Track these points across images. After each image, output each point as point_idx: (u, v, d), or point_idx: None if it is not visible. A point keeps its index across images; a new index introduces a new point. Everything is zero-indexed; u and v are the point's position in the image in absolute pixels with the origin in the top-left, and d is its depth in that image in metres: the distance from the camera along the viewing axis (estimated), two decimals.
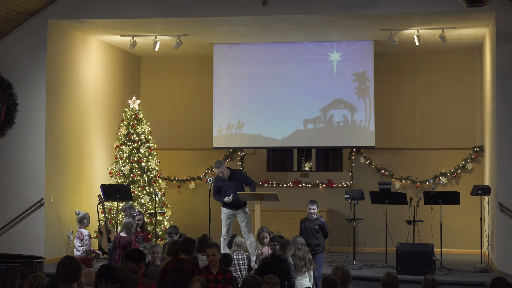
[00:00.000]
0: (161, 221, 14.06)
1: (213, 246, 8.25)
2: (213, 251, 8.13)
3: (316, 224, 11.25)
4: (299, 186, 15.78)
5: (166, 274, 8.13)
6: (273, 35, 14.16)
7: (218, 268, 8.11)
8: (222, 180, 12.66)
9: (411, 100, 15.72)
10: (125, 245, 10.92)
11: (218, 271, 8.06)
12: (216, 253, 8.12)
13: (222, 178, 12.65)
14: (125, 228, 11.18)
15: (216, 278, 7.95)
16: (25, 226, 12.86)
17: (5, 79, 13.04)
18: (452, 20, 12.71)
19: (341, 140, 14.97)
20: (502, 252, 12.10)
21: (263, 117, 15.08)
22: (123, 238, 11.05)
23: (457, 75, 15.57)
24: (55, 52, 13.21)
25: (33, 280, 7.25)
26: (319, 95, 14.93)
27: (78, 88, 14.03)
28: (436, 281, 7.50)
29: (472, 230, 14.51)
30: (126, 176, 14.04)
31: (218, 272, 8.05)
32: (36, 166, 12.92)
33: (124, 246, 10.91)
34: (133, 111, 14.34)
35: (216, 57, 15.24)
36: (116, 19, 12.91)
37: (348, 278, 7.51)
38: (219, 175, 12.68)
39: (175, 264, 8.23)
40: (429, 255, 11.67)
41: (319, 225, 11.26)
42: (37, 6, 12.67)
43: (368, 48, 14.73)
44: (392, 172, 15.51)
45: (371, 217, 14.50)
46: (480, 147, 15.14)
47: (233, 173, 12.77)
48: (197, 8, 12.65)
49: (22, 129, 13.02)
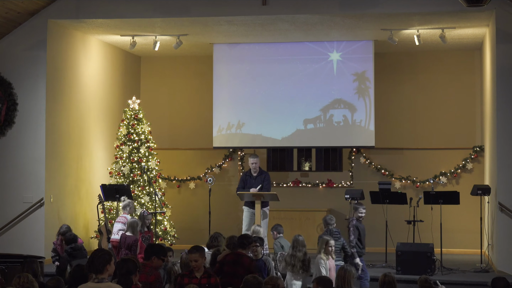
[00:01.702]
0: (161, 221, 14.06)
1: (195, 251, 7.82)
2: (195, 257, 7.76)
3: None
4: (299, 186, 15.78)
5: (224, 266, 8.58)
6: (273, 35, 14.16)
7: (203, 272, 7.78)
8: (250, 176, 13.03)
9: (411, 100, 15.72)
10: (131, 244, 10.89)
11: (202, 276, 7.74)
12: (199, 259, 7.76)
13: (251, 173, 13.04)
14: (130, 227, 11.14)
15: (200, 283, 7.67)
16: (25, 226, 12.86)
17: (5, 79, 13.04)
18: (452, 20, 12.71)
19: (341, 140, 14.97)
20: (502, 252, 12.10)
21: (263, 117, 15.08)
22: (129, 238, 11.00)
23: (457, 75, 15.57)
24: (55, 52, 13.20)
25: (18, 280, 7.21)
26: (319, 95, 14.93)
27: (78, 88, 14.02)
28: (430, 280, 7.51)
29: (472, 230, 14.50)
30: (126, 176, 14.04)
31: (202, 277, 7.73)
32: (36, 166, 12.91)
33: (129, 245, 10.88)
34: (133, 111, 14.34)
35: (216, 57, 15.24)
36: (116, 19, 12.91)
37: (349, 278, 7.52)
38: (251, 166, 13.03)
39: (233, 257, 8.65)
40: (429, 255, 11.67)
41: None
42: (37, 6, 12.67)
43: (368, 48, 14.73)
44: (392, 172, 15.51)
45: (371, 217, 14.48)
46: (480, 147, 15.14)
47: (261, 172, 13.16)
48: (197, 8, 12.64)
49: (22, 129, 13.01)
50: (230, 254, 8.78)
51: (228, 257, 8.69)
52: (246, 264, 8.54)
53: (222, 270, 8.56)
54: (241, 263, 8.53)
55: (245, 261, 8.57)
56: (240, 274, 8.26)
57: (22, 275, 7.27)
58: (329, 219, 10.51)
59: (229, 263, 8.59)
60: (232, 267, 8.50)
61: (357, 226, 10.87)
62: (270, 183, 13.22)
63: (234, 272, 8.42)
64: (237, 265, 8.51)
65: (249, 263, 8.57)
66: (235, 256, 8.66)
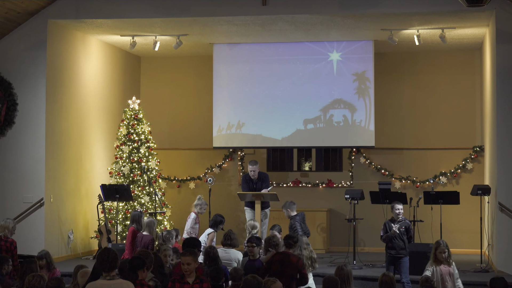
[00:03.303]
0: (161, 221, 14.06)
1: (188, 254, 7.44)
2: (188, 260, 7.39)
3: (402, 226, 10.52)
4: (299, 186, 15.78)
5: (272, 266, 8.67)
6: (273, 35, 14.16)
7: (194, 277, 7.40)
8: (251, 180, 13.06)
9: (411, 100, 15.72)
10: (148, 243, 10.98)
11: (194, 281, 7.36)
12: (191, 262, 7.38)
13: (252, 178, 13.05)
14: (147, 227, 11.23)
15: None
16: (25, 226, 12.85)
17: (5, 79, 13.05)
18: (452, 20, 12.71)
19: (341, 140, 14.97)
20: (502, 252, 12.10)
21: (263, 117, 15.08)
22: (145, 237, 11.10)
23: (457, 75, 15.57)
24: (55, 52, 13.21)
25: (31, 278, 7.25)
26: (319, 95, 14.93)
27: (78, 88, 14.03)
28: (431, 280, 7.51)
29: (472, 230, 14.50)
30: (126, 176, 14.04)
31: (194, 282, 7.35)
32: (36, 166, 12.92)
33: (146, 244, 10.97)
34: (133, 111, 14.34)
35: (216, 57, 15.24)
36: (116, 19, 12.92)
37: (349, 278, 7.52)
38: (250, 173, 13.05)
39: (281, 257, 8.72)
40: (429, 255, 11.64)
41: (405, 227, 10.55)
42: (37, 6, 12.67)
43: (368, 48, 14.73)
44: (392, 172, 15.51)
45: (371, 217, 14.50)
46: (480, 147, 15.14)
47: (260, 175, 13.17)
48: (197, 8, 12.65)
49: (22, 129, 13.02)
50: (277, 254, 8.88)
51: (276, 257, 8.78)
52: (294, 262, 8.60)
53: (270, 269, 8.66)
54: (289, 262, 8.59)
55: (293, 260, 8.63)
56: (288, 273, 8.54)
57: (36, 275, 7.31)
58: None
59: (277, 262, 8.68)
60: (280, 267, 8.60)
61: None
62: (269, 181, 13.33)
63: (282, 271, 8.53)
64: (285, 265, 8.62)
65: (296, 261, 8.63)
66: (283, 255, 8.75)
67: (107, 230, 13.33)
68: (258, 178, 13.10)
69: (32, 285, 7.18)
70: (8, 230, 10.69)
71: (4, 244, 10.58)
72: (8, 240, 10.59)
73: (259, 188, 12.99)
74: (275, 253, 9.00)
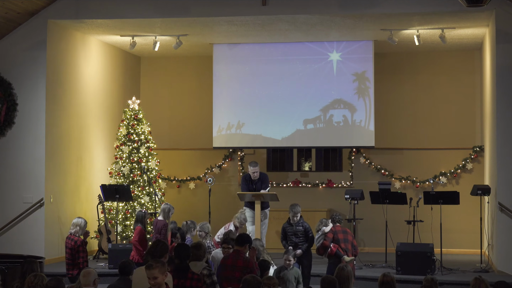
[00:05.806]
0: None
1: (154, 267, 6.43)
2: (153, 273, 6.39)
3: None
4: (299, 186, 15.78)
5: (337, 235, 11.04)
6: (273, 35, 14.17)
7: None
8: (251, 181, 13.06)
9: (411, 100, 15.72)
10: (160, 228, 11.32)
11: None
12: (158, 276, 6.38)
13: (252, 179, 13.04)
14: (162, 212, 11.64)
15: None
16: (25, 226, 12.86)
17: (5, 79, 13.05)
18: (452, 20, 12.71)
19: (341, 140, 14.97)
20: (502, 252, 12.10)
21: (263, 117, 15.08)
22: (159, 222, 11.46)
23: (457, 75, 15.58)
24: (55, 52, 13.21)
25: (33, 278, 7.25)
26: (319, 95, 14.93)
27: (78, 88, 14.03)
28: (436, 281, 7.50)
29: (472, 230, 14.50)
30: (126, 176, 14.03)
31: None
32: (36, 166, 12.92)
33: (159, 229, 11.33)
34: (133, 111, 14.34)
35: (216, 57, 15.24)
36: (116, 19, 12.91)
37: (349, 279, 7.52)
38: (251, 174, 13.04)
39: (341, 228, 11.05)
40: (429, 255, 11.67)
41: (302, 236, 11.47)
42: (37, 6, 12.67)
43: (368, 48, 14.73)
44: (392, 172, 15.51)
45: (371, 217, 14.51)
46: (480, 147, 15.14)
47: (259, 176, 13.18)
48: (197, 8, 12.65)
49: (22, 129, 13.02)
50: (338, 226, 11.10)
51: (338, 228, 11.11)
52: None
53: (335, 238, 11.00)
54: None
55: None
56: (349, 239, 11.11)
57: (38, 275, 7.31)
58: None
59: (340, 232, 11.07)
60: (343, 235, 11.05)
61: None
62: (268, 181, 13.33)
63: (345, 239, 11.00)
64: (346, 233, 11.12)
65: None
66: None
67: (107, 230, 13.33)
68: (257, 179, 13.12)
69: (32, 284, 7.18)
70: (80, 228, 11.33)
71: (69, 242, 11.26)
72: (74, 239, 11.22)
73: (258, 189, 12.98)
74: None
